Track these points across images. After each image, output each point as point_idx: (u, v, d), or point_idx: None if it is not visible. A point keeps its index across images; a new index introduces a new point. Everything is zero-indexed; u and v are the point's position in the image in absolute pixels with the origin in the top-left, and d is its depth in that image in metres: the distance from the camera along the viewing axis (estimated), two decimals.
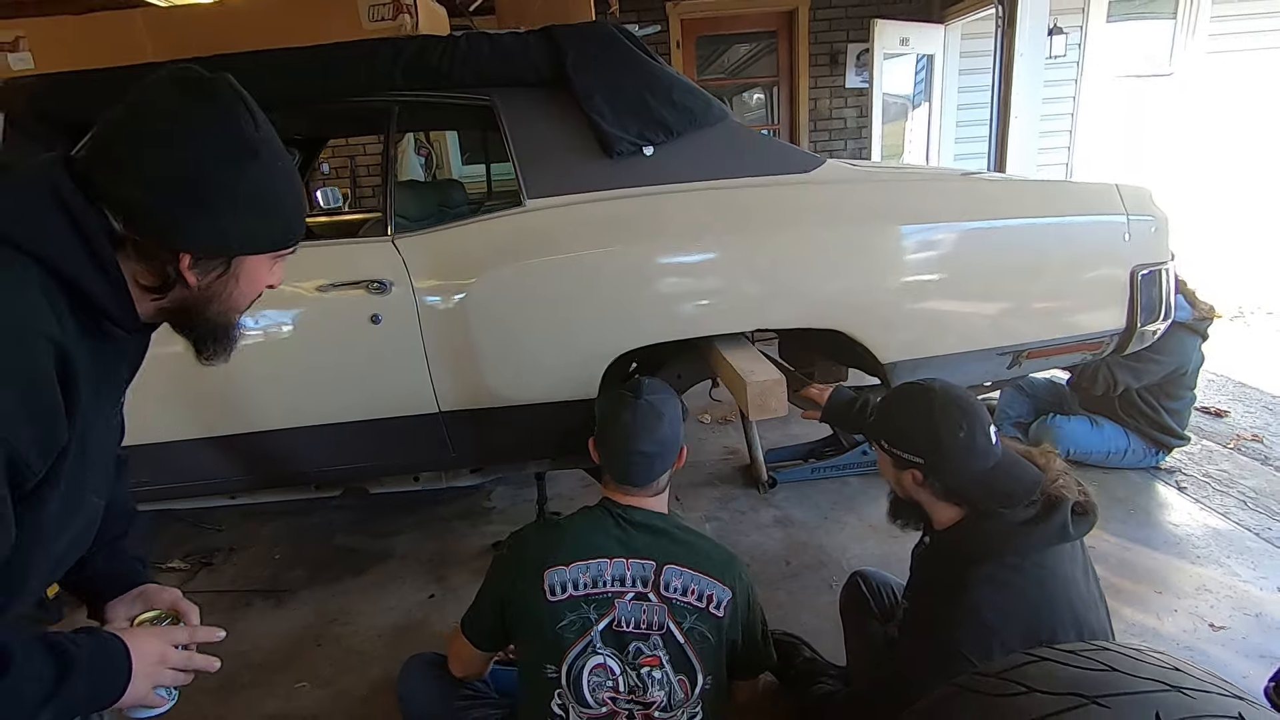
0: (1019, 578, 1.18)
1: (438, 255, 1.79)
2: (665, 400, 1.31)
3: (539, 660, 1.22)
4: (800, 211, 1.83)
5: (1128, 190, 1.90)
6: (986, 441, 1.21)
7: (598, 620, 1.21)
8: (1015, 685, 0.86)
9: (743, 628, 1.31)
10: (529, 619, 1.23)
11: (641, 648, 1.22)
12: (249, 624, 2.22)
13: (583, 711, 1.22)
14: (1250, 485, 2.71)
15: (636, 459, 1.27)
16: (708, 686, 1.25)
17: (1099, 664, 0.86)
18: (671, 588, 1.22)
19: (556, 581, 1.21)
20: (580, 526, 1.28)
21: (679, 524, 1.32)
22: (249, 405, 1.84)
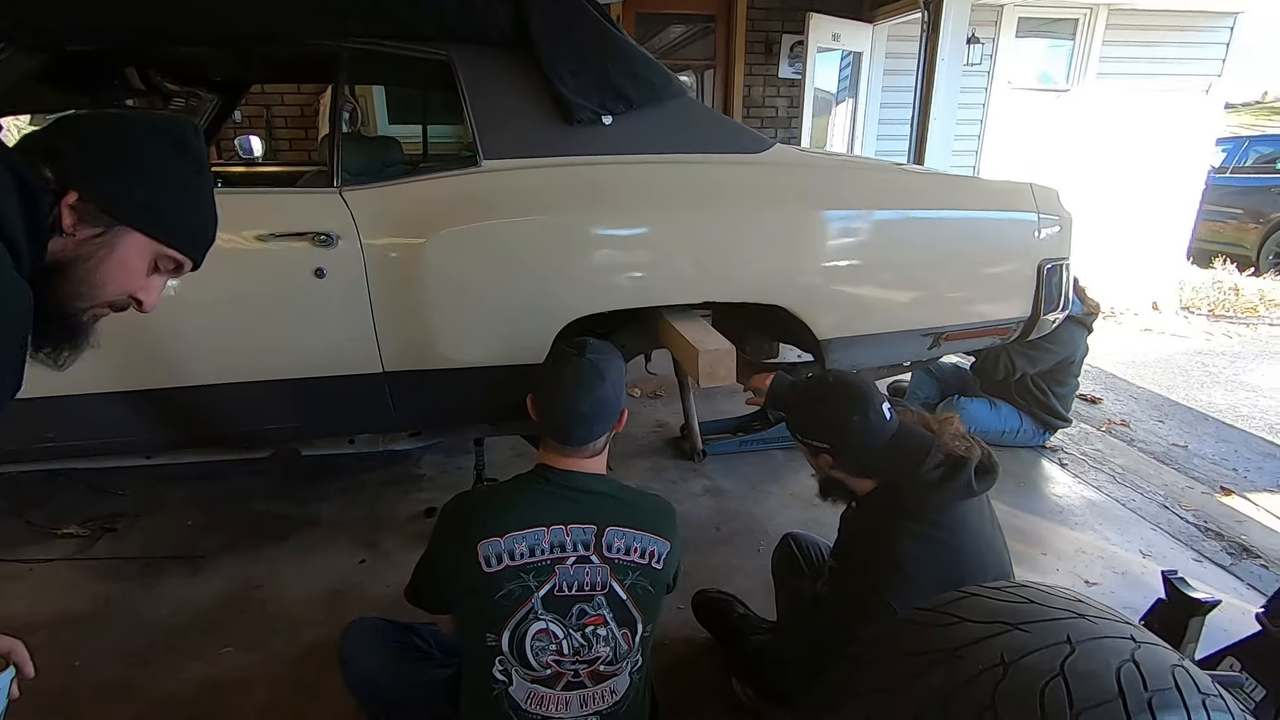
0: (936, 532, 1.32)
1: (388, 210, 1.74)
2: (608, 360, 1.29)
3: (479, 630, 1.21)
4: (749, 190, 1.90)
5: (1040, 190, 2.10)
6: (881, 419, 1.35)
7: (538, 587, 1.19)
8: (950, 616, 0.97)
9: (674, 571, 1.34)
10: (466, 591, 1.21)
11: (585, 609, 1.22)
12: (164, 591, 2.10)
13: (527, 674, 1.22)
14: (1119, 463, 3.06)
15: (575, 418, 1.23)
16: (646, 634, 1.28)
17: (1019, 597, 0.99)
18: (614, 548, 1.22)
19: (491, 553, 1.18)
20: (514, 496, 1.25)
21: (615, 483, 1.31)
22: (178, 358, 1.73)
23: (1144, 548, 2.42)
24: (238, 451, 2.02)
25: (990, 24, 5.17)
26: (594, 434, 1.26)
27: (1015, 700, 0.83)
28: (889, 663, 0.94)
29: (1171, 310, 6.15)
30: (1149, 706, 0.81)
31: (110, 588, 2.11)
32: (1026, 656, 0.87)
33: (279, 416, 1.86)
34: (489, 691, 1.22)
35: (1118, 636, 0.91)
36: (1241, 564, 2.36)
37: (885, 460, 1.37)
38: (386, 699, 1.41)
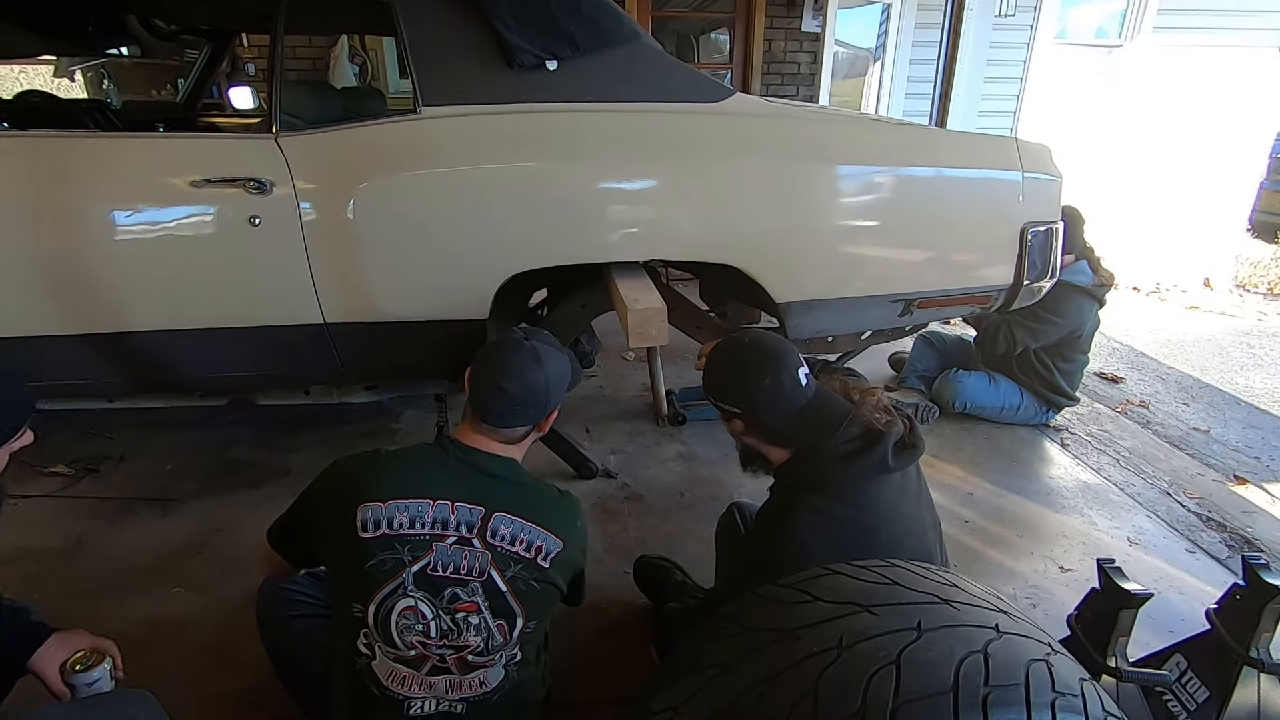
0: (840, 507, 1.24)
1: (323, 157, 1.71)
2: (550, 352, 1.25)
3: (346, 598, 1.17)
4: (702, 142, 1.80)
5: (1026, 146, 1.93)
6: (794, 384, 1.27)
7: (412, 562, 1.14)
8: (804, 594, 0.90)
9: (569, 578, 1.27)
10: (337, 553, 1.17)
11: (458, 593, 1.15)
12: (131, 531, 2.18)
13: (390, 651, 1.16)
14: (1127, 445, 2.88)
15: (498, 395, 1.20)
16: (528, 629, 1.21)
17: (883, 578, 0.91)
18: (499, 535, 1.17)
19: (370, 518, 1.13)
20: (407, 462, 1.20)
21: (519, 470, 1.25)
22: (121, 303, 1.75)
23: (1133, 535, 2.28)
24: (194, 399, 2.05)
25: None
26: (514, 418, 1.22)
27: (837, 687, 0.77)
28: (731, 638, 0.89)
29: (1225, 287, 5.75)
30: (982, 704, 0.73)
31: (84, 525, 2.19)
32: (865, 641, 0.81)
33: (224, 365, 1.88)
34: (352, 663, 1.19)
35: (978, 625, 0.84)
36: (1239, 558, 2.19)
37: (797, 429, 1.29)
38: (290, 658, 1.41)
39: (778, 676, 0.80)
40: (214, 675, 1.66)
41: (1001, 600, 0.93)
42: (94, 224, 1.68)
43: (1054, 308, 2.69)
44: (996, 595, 0.94)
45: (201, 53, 2.94)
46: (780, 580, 0.95)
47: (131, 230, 1.70)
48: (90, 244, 1.68)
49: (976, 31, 3.73)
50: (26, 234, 1.66)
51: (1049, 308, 2.67)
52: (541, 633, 1.30)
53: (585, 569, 1.34)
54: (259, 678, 1.60)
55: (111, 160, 1.69)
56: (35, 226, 1.66)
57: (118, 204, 1.67)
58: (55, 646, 1.14)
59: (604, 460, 2.57)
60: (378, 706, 1.19)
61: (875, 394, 1.31)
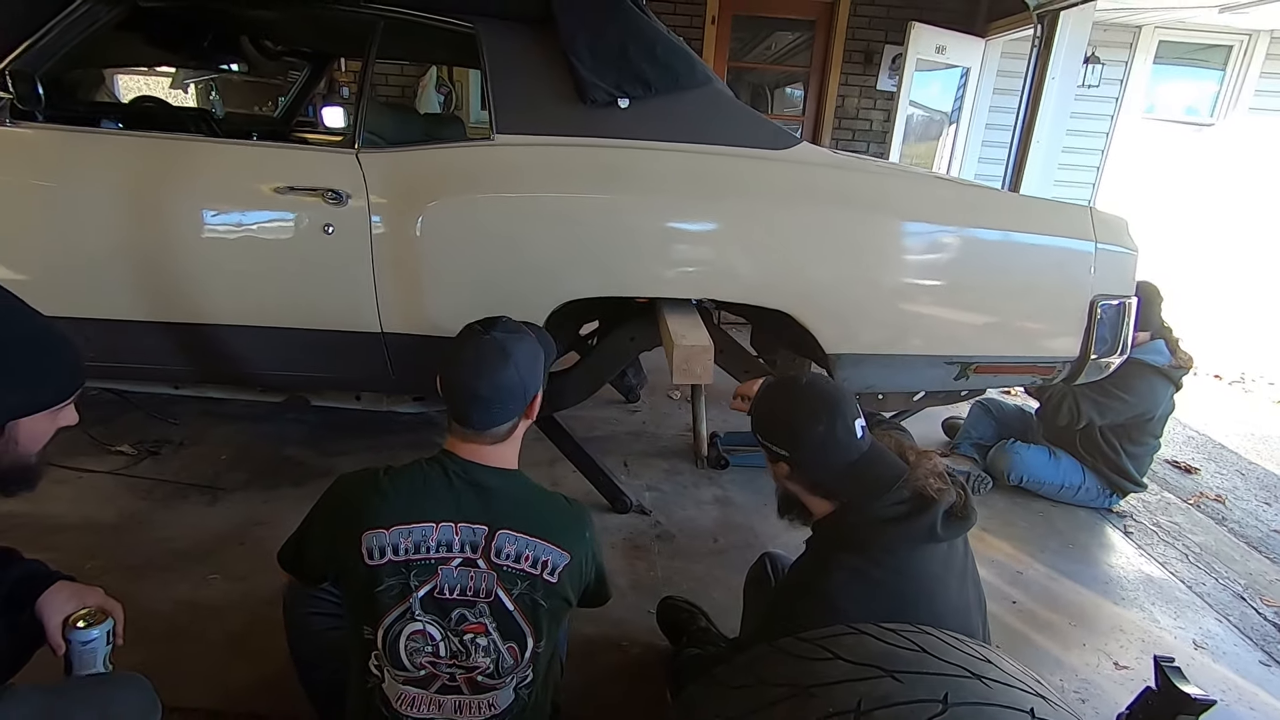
0: (878, 571, 1.18)
1: (397, 175, 1.79)
2: (515, 341, 1.19)
3: (356, 620, 1.16)
4: (764, 187, 1.81)
5: (1102, 217, 1.86)
6: (849, 435, 1.22)
7: (418, 587, 1.12)
8: (825, 651, 0.87)
9: (580, 589, 1.24)
10: (346, 578, 1.16)
11: (466, 615, 1.13)
12: (180, 515, 2.26)
13: (399, 675, 1.15)
14: (1198, 541, 2.68)
15: (471, 399, 1.16)
16: (539, 650, 1.18)
17: (912, 644, 0.87)
18: (503, 554, 1.13)
19: (375, 545, 1.11)
20: (407, 484, 1.16)
21: (522, 482, 1.22)
22: (199, 296, 1.86)
23: (1200, 638, 2.10)
24: (255, 393, 2.14)
25: (1124, 46, 4.72)
26: (494, 418, 1.18)
27: None
28: (741, 690, 0.85)
29: None
30: None
31: (138, 505, 2.29)
32: (884, 709, 0.76)
33: (285, 363, 1.96)
34: (364, 683, 1.18)
35: (1010, 706, 0.78)
36: None
37: (845, 482, 1.23)
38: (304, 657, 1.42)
39: None
40: (236, 665, 1.69)
41: (1041, 684, 0.87)
42: (184, 220, 1.80)
43: (1125, 385, 2.56)
44: (1036, 678, 0.88)
45: (302, 74, 3.15)
46: (801, 634, 0.91)
47: (216, 228, 1.81)
48: (178, 238, 1.80)
49: (1058, 99, 3.66)
50: (124, 225, 1.79)
51: (1119, 384, 2.54)
52: (552, 654, 1.27)
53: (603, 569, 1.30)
54: (279, 673, 1.61)
55: (206, 162, 1.81)
56: (132, 218, 1.79)
57: (207, 203, 1.79)
58: (65, 595, 1.09)
59: (639, 496, 2.55)
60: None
61: (931, 458, 1.26)
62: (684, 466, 2.85)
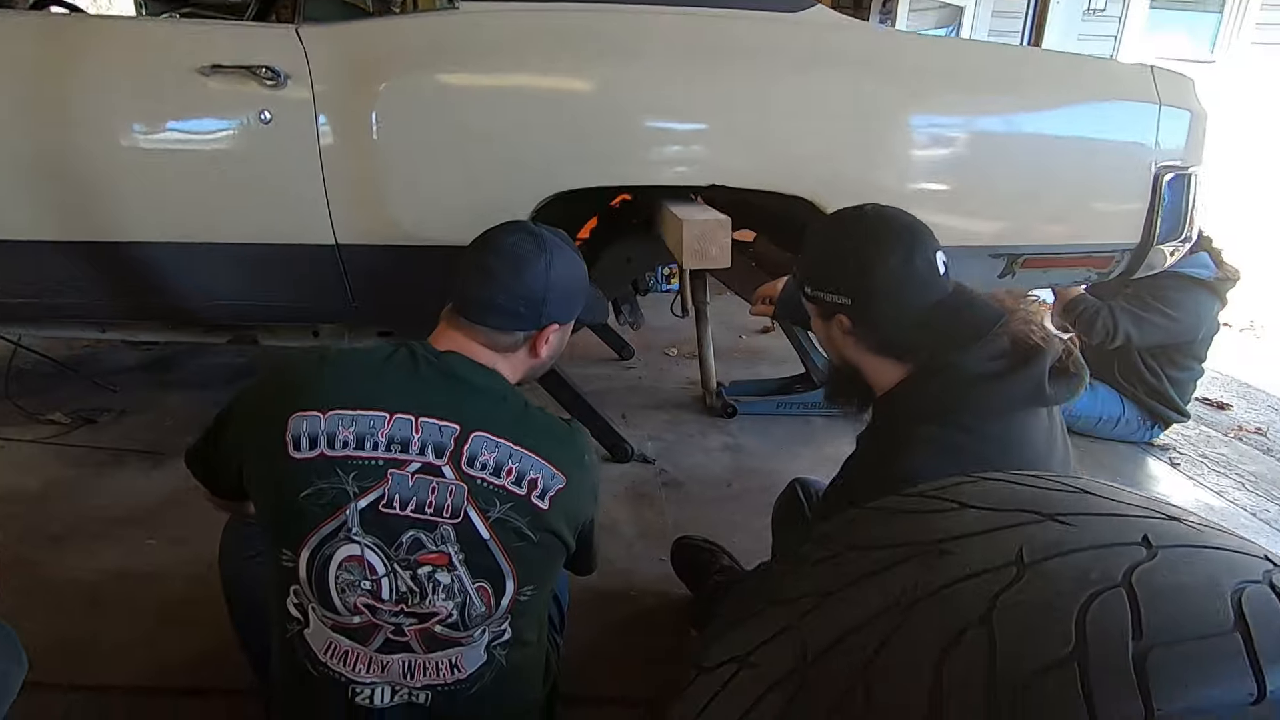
0: (972, 441, 0.92)
1: (346, 51, 1.51)
2: (563, 250, 1.00)
3: (275, 540, 0.88)
4: (777, 54, 1.55)
5: (1164, 75, 1.63)
6: (929, 269, 0.95)
7: (359, 495, 0.85)
8: (945, 502, 0.60)
9: (577, 529, 0.96)
10: (264, 478, 0.89)
11: (422, 539, 0.86)
12: (116, 481, 1.97)
13: (327, 616, 0.87)
14: (1250, 470, 2.47)
15: (482, 277, 0.95)
16: (522, 597, 0.91)
17: (1067, 487, 0.61)
18: (478, 464, 0.87)
19: (304, 432, 0.85)
20: (356, 362, 0.91)
21: (512, 387, 0.96)
22: (113, 207, 1.57)
23: None
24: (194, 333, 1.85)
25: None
26: (495, 312, 0.95)
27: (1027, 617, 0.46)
28: (829, 561, 0.59)
29: None
30: None
31: (66, 473, 2.00)
32: (1062, 556, 0.50)
33: (223, 290, 1.67)
34: (284, 630, 0.90)
35: (1239, 551, 0.53)
36: None
37: (924, 332, 0.95)
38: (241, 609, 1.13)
39: (917, 604, 0.50)
40: (170, 635, 1.42)
41: None
42: (91, 112, 1.51)
43: (1166, 299, 2.31)
44: None
45: None
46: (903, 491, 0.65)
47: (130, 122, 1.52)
48: (85, 134, 1.51)
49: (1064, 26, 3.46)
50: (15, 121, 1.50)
51: (1161, 298, 2.30)
52: (543, 606, 0.98)
53: (596, 522, 1.02)
54: (218, 642, 1.33)
55: (115, 43, 1.52)
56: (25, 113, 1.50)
57: (118, 91, 1.50)
58: None
59: (641, 445, 2.28)
60: (315, 688, 0.89)
61: (1031, 303, 1.00)
62: (687, 417, 2.59)
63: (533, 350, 1.01)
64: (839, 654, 0.51)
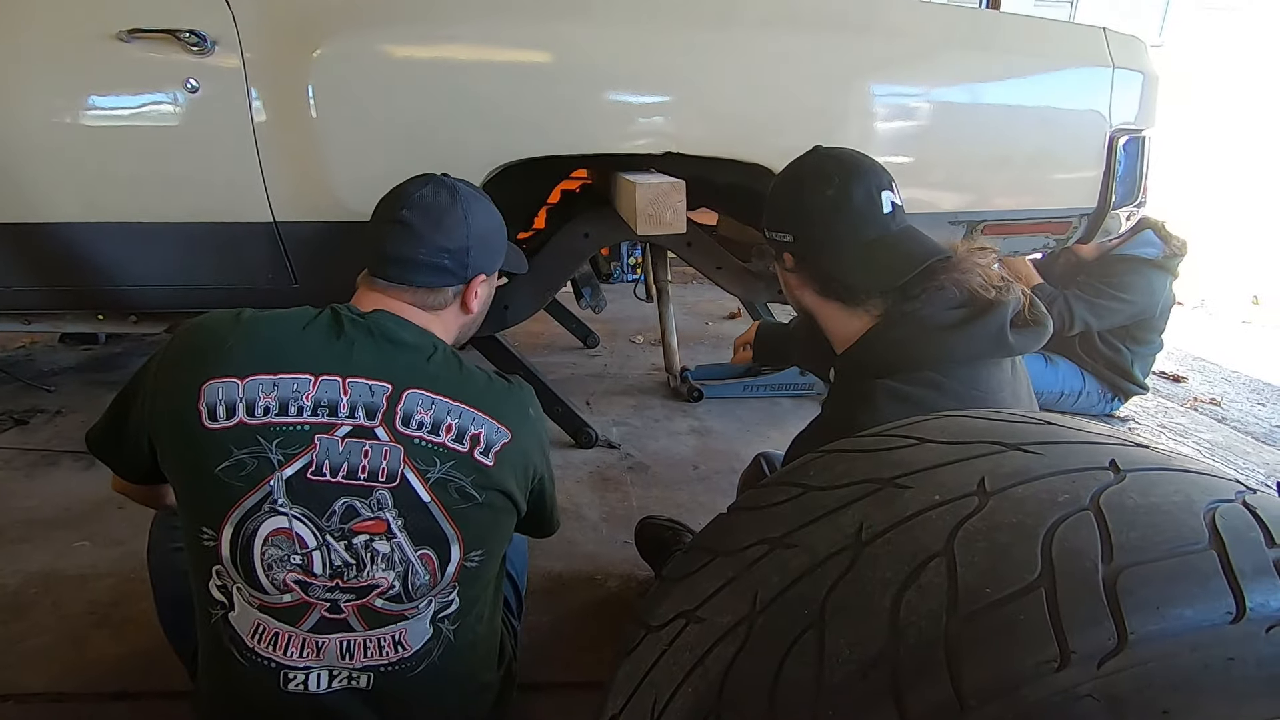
0: (934, 395, 0.89)
1: (276, 13, 1.43)
2: (478, 198, 0.96)
3: (192, 518, 0.82)
4: (738, 17, 1.51)
5: (1116, 37, 1.62)
6: (868, 202, 0.93)
7: (284, 464, 0.78)
8: (903, 439, 0.56)
9: (528, 488, 0.91)
10: (178, 453, 0.81)
11: (356, 506, 0.80)
12: (47, 483, 1.86)
13: (254, 596, 0.81)
14: (1206, 438, 2.51)
15: (397, 231, 0.89)
16: (471, 564, 0.85)
17: (1030, 419, 0.58)
18: (414, 422, 0.81)
19: (220, 400, 0.78)
20: (275, 324, 0.84)
21: (439, 341, 0.90)
22: (32, 186, 1.46)
23: None
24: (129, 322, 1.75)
25: None
26: (420, 270, 0.90)
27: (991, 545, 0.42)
28: (786, 503, 0.55)
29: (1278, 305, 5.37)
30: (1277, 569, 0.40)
31: None
32: (1026, 483, 0.47)
33: (154, 271, 1.58)
34: (207, 615, 0.84)
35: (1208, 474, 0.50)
36: None
37: (869, 270, 0.93)
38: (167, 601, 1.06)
39: (873, 541, 0.46)
40: (99, 639, 1.33)
41: None
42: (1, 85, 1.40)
43: (1119, 284, 2.34)
44: None
45: None
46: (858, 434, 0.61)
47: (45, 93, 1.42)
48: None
49: None
50: None
51: (1114, 284, 2.33)
52: (492, 574, 0.92)
53: (551, 480, 0.97)
54: (152, 644, 1.25)
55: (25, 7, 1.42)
56: None
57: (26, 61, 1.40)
58: None
59: (605, 431, 2.23)
60: (243, 677, 0.83)
61: (988, 253, 0.97)
62: (653, 402, 2.54)
63: (464, 305, 0.97)
64: (790, 600, 0.46)
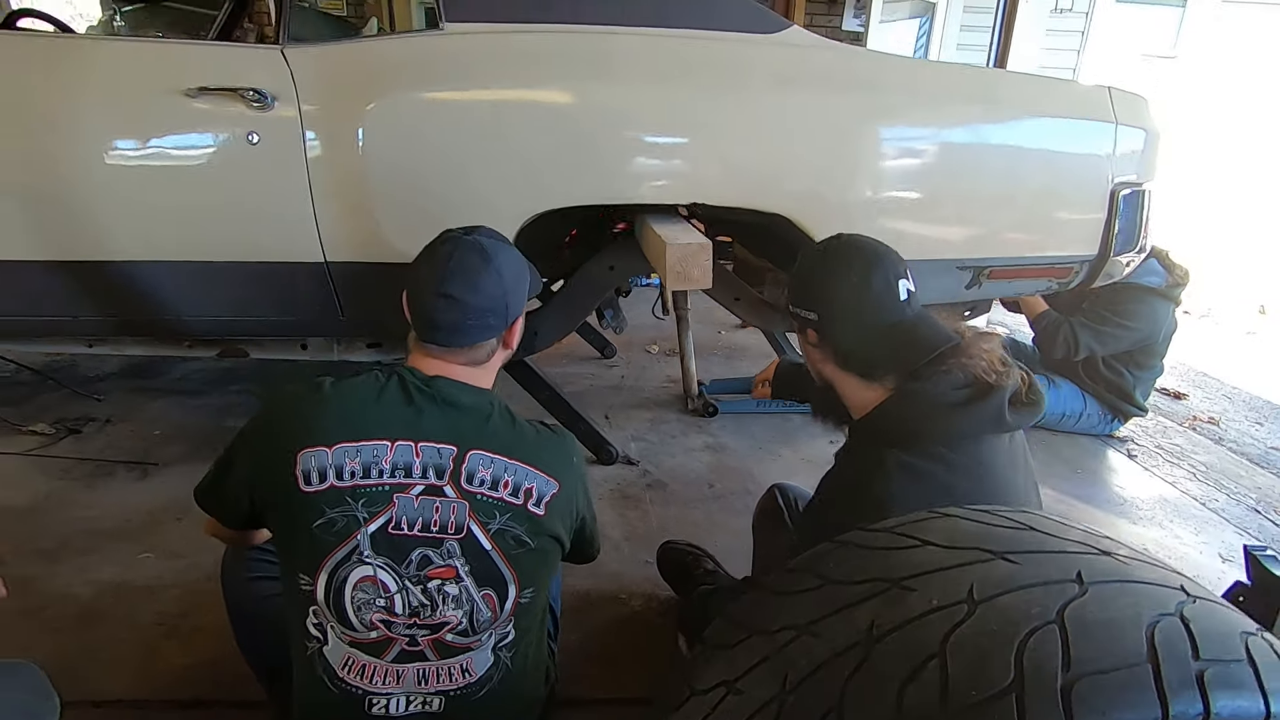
0: (941, 469, 1.00)
1: (332, 73, 1.53)
2: (501, 248, 1.04)
3: (292, 567, 0.95)
4: (759, 75, 1.60)
5: (1121, 95, 1.71)
6: (888, 291, 1.05)
7: (368, 520, 0.91)
8: (909, 539, 0.67)
9: (572, 527, 1.04)
10: (279, 510, 0.95)
11: (430, 556, 0.93)
12: (105, 493, 1.99)
13: (345, 633, 0.94)
14: (1202, 460, 2.61)
15: (444, 305, 0.97)
16: (523, 600, 0.99)
17: (1015, 523, 0.68)
18: (477, 480, 0.94)
19: (313, 467, 0.91)
20: (354, 395, 0.96)
21: (494, 400, 1.02)
22: (102, 227, 1.58)
23: (1224, 552, 2.01)
24: (183, 347, 1.87)
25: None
26: (468, 333, 1.00)
27: (975, 651, 0.54)
28: (809, 593, 0.66)
29: None
30: (1198, 682, 0.50)
31: (53, 485, 2.01)
32: (1007, 594, 0.58)
33: (213, 305, 1.69)
34: (304, 649, 0.97)
35: (1159, 584, 0.61)
36: None
37: (884, 350, 1.05)
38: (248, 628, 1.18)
39: (883, 638, 0.57)
40: (170, 648, 1.46)
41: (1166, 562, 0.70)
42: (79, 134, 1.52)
43: (1123, 311, 2.43)
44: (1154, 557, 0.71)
45: None
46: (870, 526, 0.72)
47: (118, 144, 1.54)
48: (73, 157, 1.52)
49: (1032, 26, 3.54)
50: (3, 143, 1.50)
51: (1118, 311, 2.42)
52: (542, 607, 1.06)
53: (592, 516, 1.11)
54: (222, 654, 1.37)
55: (101, 64, 1.53)
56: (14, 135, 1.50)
57: (104, 113, 1.51)
58: None
59: (624, 446, 2.35)
60: (333, 704, 0.96)
61: (990, 339, 1.08)
62: (669, 416, 2.66)
63: (505, 344, 1.08)
64: (815, 684, 0.58)
